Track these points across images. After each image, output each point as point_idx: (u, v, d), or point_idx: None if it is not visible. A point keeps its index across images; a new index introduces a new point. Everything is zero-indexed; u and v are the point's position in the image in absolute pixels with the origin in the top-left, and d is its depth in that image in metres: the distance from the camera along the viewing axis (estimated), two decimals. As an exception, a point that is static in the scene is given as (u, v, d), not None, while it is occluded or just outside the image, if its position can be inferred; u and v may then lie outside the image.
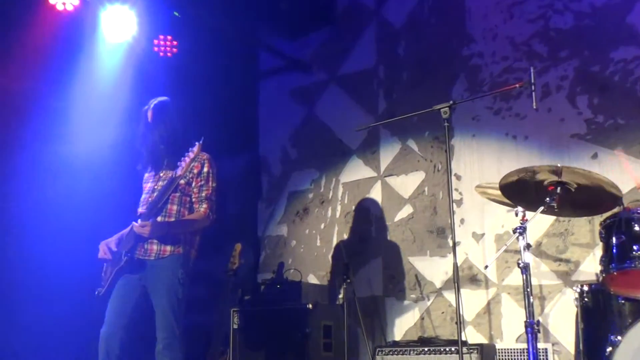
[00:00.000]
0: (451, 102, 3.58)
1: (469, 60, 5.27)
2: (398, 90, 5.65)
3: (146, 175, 3.99)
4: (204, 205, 3.81)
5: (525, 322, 3.23)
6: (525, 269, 3.29)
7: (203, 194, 3.82)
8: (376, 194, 5.58)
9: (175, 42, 5.54)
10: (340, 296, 4.60)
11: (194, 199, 3.84)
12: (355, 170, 5.76)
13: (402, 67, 5.64)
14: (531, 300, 3.25)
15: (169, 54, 5.55)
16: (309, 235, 5.93)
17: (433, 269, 5.18)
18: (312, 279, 5.71)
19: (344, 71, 5.99)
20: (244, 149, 6.41)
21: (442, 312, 5.06)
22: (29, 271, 4.68)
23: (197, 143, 3.55)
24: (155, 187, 3.86)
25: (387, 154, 5.59)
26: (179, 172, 3.60)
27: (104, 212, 4.63)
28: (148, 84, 5.08)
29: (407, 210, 5.40)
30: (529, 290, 3.26)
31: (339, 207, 5.79)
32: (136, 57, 5.19)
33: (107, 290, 3.78)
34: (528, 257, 3.33)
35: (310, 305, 4.79)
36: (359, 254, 5.51)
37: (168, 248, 3.75)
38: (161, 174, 3.90)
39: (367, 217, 5.59)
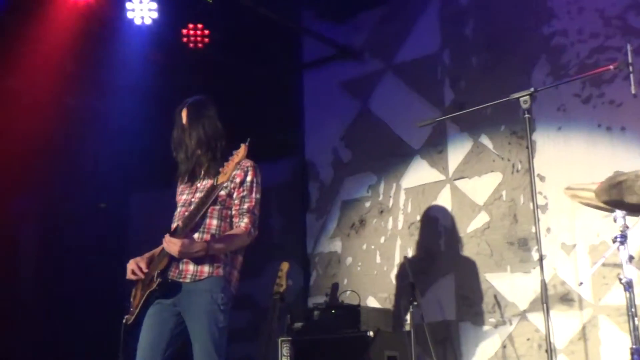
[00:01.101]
0: (532, 89, 3.54)
1: (551, 40, 5.23)
2: (467, 77, 5.63)
3: (181, 186, 4.02)
4: (245, 220, 3.80)
5: (631, 348, 3.17)
6: (628, 286, 3.24)
7: (245, 207, 3.82)
8: (445, 200, 5.57)
9: (206, 32, 5.60)
10: (406, 322, 4.60)
11: (234, 212, 3.84)
12: (419, 173, 5.75)
13: (471, 50, 5.62)
14: (636, 322, 3.18)
15: (199, 45, 5.61)
16: (366, 251, 5.93)
17: (515, 287, 5.13)
18: (372, 302, 5.72)
19: (401, 58, 5.99)
20: (287, 152, 6.48)
21: (528, 339, 5.02)
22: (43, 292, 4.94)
23: (242, 145, 3.56)
24: (192, 199, 3.87)
25: (457, 153, 5.58)
26: (220, 179, 3.60)
27: (134, 227, 4.73)
28: (177, 81, 5.20)
29: (482, 219, 5.39)
30: (633, 310, 3.20)
31: (401, 217, 5.79)
32: (163, 50, 5.36)
33: (137, 319, 3.78)
34: (631, 271, 3.28)
35: (372, 333, 4.77)
36: (427, 271, 5.50)
37: (206, 269, 3.74)
38: (198, 184, 3.91)
39: (435, 228, 5.58)
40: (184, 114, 3.96)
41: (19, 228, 5.75)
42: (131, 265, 3.86)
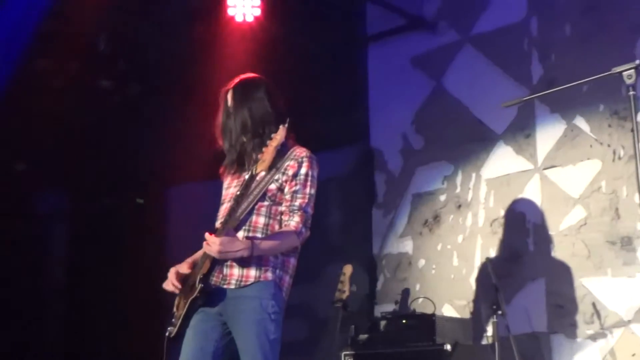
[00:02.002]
0: (637, 62, 3.45)
1: (661, 3, 5.24)
2: (559, 49, 5.55)
3: (227, 178, 4.04)
4: (296, 218, 3.80)
5: None
6: None
7: (296, 203, 3.82)
8: (533, 192, 5.51)
9: (257, 4, 5.62)
10: (489, 334, 4.64)
11: (283, 209, 3.86)
12: (503, 162, 5.70)
13: (563, 17, 5.53)
14: None
15: (249, 19, 5.63)
16: (442, 252, 5.91)
17: (617, 294, 5.07)
18: (449, 311, 5.69)
19: (481, 28, 5.94)
20: (350, 139, 6.44)
21: (633, 355, 4.96)
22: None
23: (280, 127, 3.60)
24: (238, 193, 3.85)
25: (547, 138, 5.52)
26: (259, 167, 3.65)
27: (177, 229, 4.83)
28: (224, 58, 5.22)
29: (577, 215, 5.32)
30: None
31: (482, 213, 5.76)
32: (207, 25, 5.50)
33: (180, 330, 3.78)
34: None
35: (449, 347, 4.74)
36: (513, 275, 5.45)
37: (252, 273, 3.76)
38: (245, 176, 3.89)
39: (522, 225, 5.53)
40: (229, 96, 3.98)
41: (48, 226, 5.99)
42: (171, 274, 3.88)
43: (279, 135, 3.58)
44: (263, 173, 3.69)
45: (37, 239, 5.90)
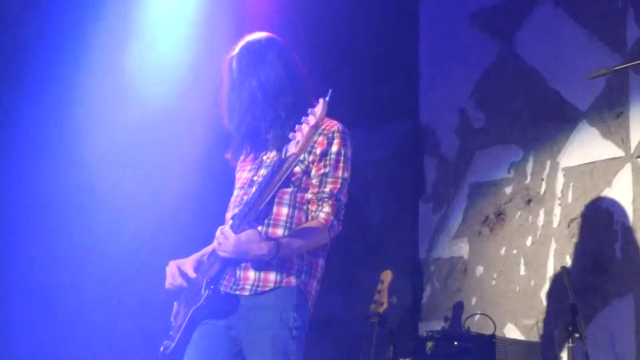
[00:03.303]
0: None
1: None
2: (662, 8, 5.56)
3: (240, 163, 4.07)
4: (326, 209, 3.79)
5: None
6: None
7: (327, 189, 3.80)
8: (624, 186, 5.43)
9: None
10: None
11: (310, 196, 3.84)
12: (587, 147, 5.63)
13: (668, -34, 5.53)
14: None
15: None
16: (505, 258, 5.86)
17: None
18: (512, 332, 5.67)
19: (562, -21, 6.02)
20: (394, 114, 6.42)
21: None
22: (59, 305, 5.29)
23: (321, 99, 3.51)
24: (255, 177, 3.90)
25: (643, 118, 5.62)
26: (293, 149, 3.56)
27: (176, 221, 5.10)
28: (235, 17, 5.36)
29: None
30: None
31: (557, 210, 5.68)
32: None
33: (178, 346, 3.80)
34: None
35: (513, 376, 4.82)
36: (595, 289, 5.40)
37: (272, 277, 3.73)
38: (264, 158, 3.94)
39: (608, 227, 5.47)
40: (234, 64, 3.97)
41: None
42: (171, 268, 3.89)
43: (318, 111, 3.48)
44: (295, 157, 3.65)
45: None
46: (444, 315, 5.66)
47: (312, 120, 3.47)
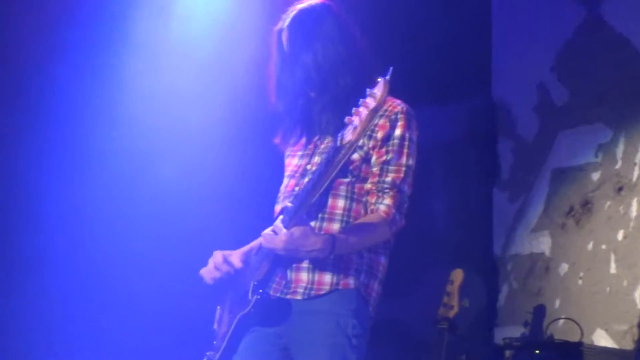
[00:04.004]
0: None
1: None
2: None
3: (290, 148, 4.01)
4: (387, 201, 3.72)
5: None
6: None
7: (388, 179, 3.73)
8: None
9: None
10: None
11: (369, 186, 3.77)
12: None
13: None
14: None
15: None
16: (594, 255, 5.79)
17: None
18: (602, 339, 5.59)
19: None
20: (462, 90, 6.31)
21: None
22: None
23: (380, 79, 3.37)
24: (308, 166, 3.83)
25: None
26: (349, 136, 3.44)
27: (217, 214, 4.99)
28: None
29: None
30: None
31: None
32: None
33: (223, 356, 3.77)
34: None
35: (605, 391, 4.85)
36: None
37: (328, 278, 3.67)
38: (317, 143, 3.86)
39: None
40: (284, 37, 3.90)
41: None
42: (216, 258, 3.82)
43: (378, 92, 3.37)
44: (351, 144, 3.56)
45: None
46: (523, 320, 5.62)
47: (371, 102, 3.38)
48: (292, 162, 3.91)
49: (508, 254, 6.16)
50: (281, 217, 3.64)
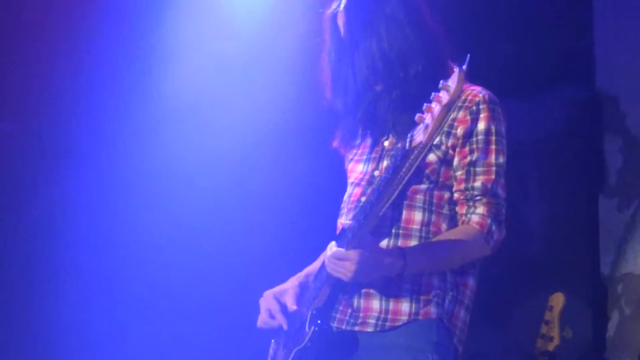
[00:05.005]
0: None
1: None
2: None
3: (352, 151, 3.99)
4: (480, 209, 3.67)
5: None
6: None
7: (477, 183, 3.69)
8: None
9: None
10: None
11: (455, 195, 3.72)
12: None
13: None
14: None
15: None
16: None
17: None
18: None
19: None
20: (562, 79, 6.19)
21: None
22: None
23: (455, 69, 3.31)
24: (376, 172, 3.81)
25: None
26: (420, 137, 3.39)
27: (269, 228, 5.15)
28: None
29: None
30: None
31: None
32: None
33: None
34: None
35: None
36: None
37: (405, 307, 3.64)
38: (385, 144, 3.83)
39: None
40: (340, 21, 3.86)
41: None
42: (268, 302, 3.90)
43: (453, 85, 3.32)
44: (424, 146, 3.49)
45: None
46: (637, 353, 5.53)
47: (444, 97, 3.32)
48: (357, 168, 3.89)
49: (618, 274, 6.02)
50: (347, 231, 3.65)
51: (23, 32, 5.86)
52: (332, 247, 3.61)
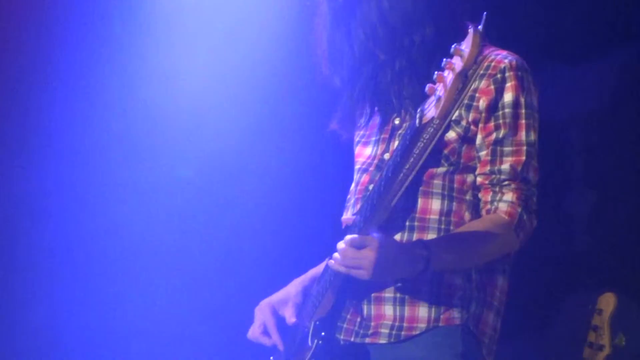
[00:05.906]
0: None
1: None
2: None
3: (359, 132, 4.01)
4: (508, 196, 3.61)
5: None
6: None
7: (505, 165, 3.63)
8: None
9: None
10: None
11: (480, 179, 3.66)
12: None
13: None
14: None
15: None
16: None
17: None
18: None
19: None
20: (613, 38, 5.82)
21: None
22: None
23: (470, 30, 3.23)
24: (386, 155, 3.79)
25: None
26: (432, 111, 3.34)
27: (267, 224, 5.29)
28: None
29: None
30: None
31: None
32: None
33: None
34: None
35: None
36: None
37: (422, 312, 3.62)
38: (396, 122, 3.82)
39: None
40: None
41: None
42: (263, 313, 4.00)
43: (467, 49, 3.25)
44: (437, 122, 3.45)
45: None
46: None
47: (457, 63, 3.24)
48: (364, 151, 3.89)
49: (679, 271, 5.73)
50: (353, 222, 3.70)
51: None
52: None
